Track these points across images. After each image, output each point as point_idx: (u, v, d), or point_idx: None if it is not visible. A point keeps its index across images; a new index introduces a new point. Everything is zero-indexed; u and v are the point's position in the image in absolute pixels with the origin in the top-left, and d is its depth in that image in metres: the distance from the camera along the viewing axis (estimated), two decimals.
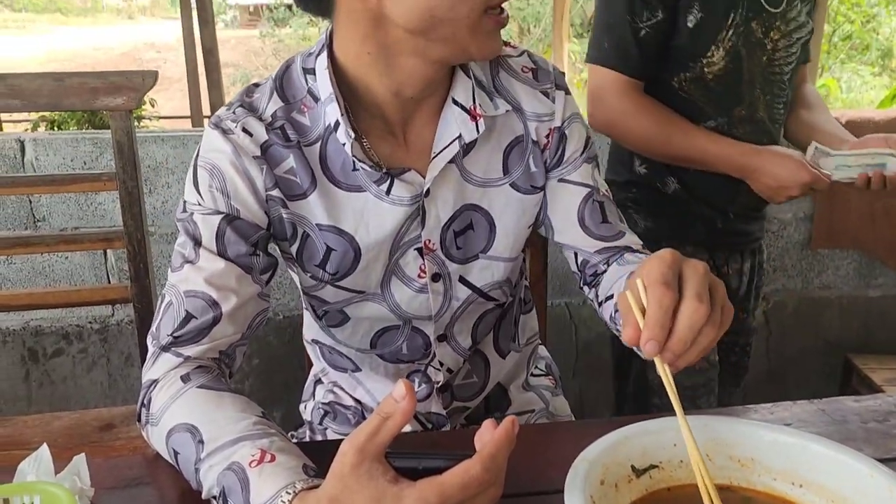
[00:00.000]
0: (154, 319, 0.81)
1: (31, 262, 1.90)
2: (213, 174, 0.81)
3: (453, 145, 0.85)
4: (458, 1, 0.74)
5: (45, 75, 1.36)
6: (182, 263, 0.81)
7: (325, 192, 0.83)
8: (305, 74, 0.84)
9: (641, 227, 1.38)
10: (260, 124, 0.82)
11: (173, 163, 1.85)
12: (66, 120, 5.29)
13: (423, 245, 0.88)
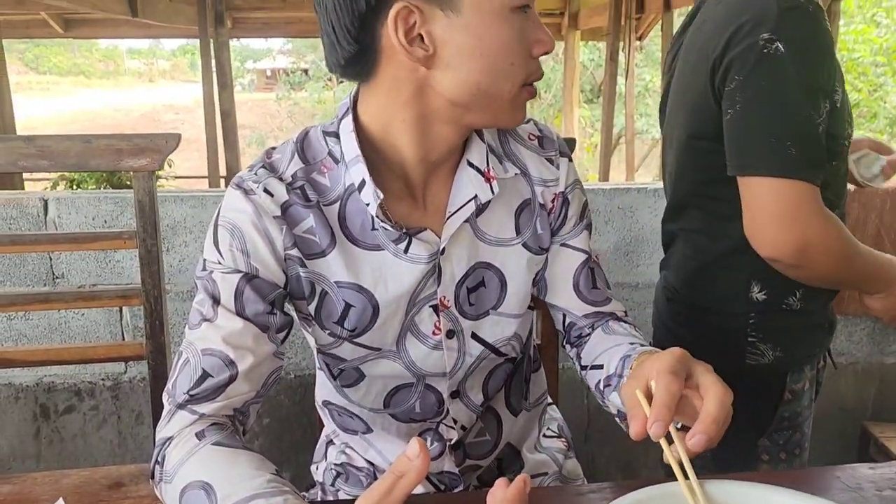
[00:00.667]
0: (170, 376, 0.82)
1: (47, 318, 1.92)
2: (234, 234, 0.83)
3: (469, 205, 0.87)
4: (502, 76, 0.78)
5: (72, 137, 1.41)
6: (200, 321, 0.82)
7: (344, 250, 0.85)
8: (326, 138, 0.87)
9: (769, 357, 1.14)
10: (281, 184, 0.84)
11: (191, 222, 1.89)
12: (86, 179, 5.40)
13: (439, 302, 0.90)
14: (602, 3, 6.94)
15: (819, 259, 1.00)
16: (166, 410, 0.81)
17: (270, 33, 9.73)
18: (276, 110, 20.52)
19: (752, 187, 0.99)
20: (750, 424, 1.16)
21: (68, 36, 8.17)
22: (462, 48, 0.77)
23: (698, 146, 1.12)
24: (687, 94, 1.13)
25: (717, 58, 1.02)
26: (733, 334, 1.15)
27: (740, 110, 0.99)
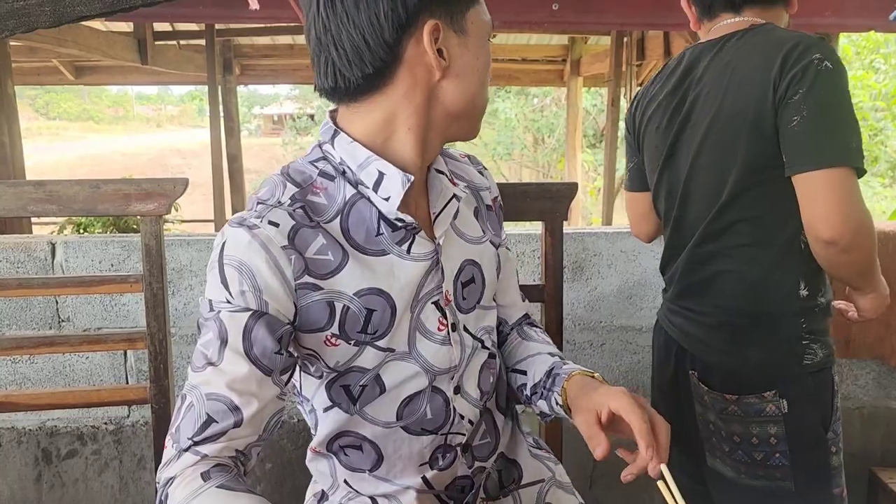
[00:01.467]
0: (174, 418, 0.83)
1: (51, 362, 1.92)
2: (242, 270, 0.83)
3: (453, 202, 0.99)
4: (485, 90, 0.93)
5: (81, 182, 1.43)
6: (205, 364, 0.82)
7: (356, 259, 0.89)
8: (312, 164, 0.93)
9: (820, 355, 1.27)
10: (283, 211, 0.86)
11: (197, 265, 1.90)
12: (93, 223, 5.45)
13: (444, 296, 0.97)
14: (603, 50, 7.06)
15: (866, 242, 1.16)
16: (170, 454, 0.82)
17: (278, 80, 9.89)
18: (282, 155, 20.74)
19: (819, 179, 1.13)
20: (819, 421, 1.27)
21: (79, 83, 8.32)
22: (467, 64, 0.90)
23: (757, 163, 1.22)
24: (740, 121, 1.22)
25: (775, 77, 1.16)
26: (792, 339, 1.26)
27: (807, 115, 1.14)
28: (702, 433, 1.38)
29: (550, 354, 1.08)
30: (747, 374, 1.28)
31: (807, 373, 1.26)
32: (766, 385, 1.25)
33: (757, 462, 1.28)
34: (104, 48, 5.75)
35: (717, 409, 1.31)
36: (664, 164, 1.40)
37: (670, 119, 1.36)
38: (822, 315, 1.28)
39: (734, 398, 1.27)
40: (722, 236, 1.30)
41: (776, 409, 1.24)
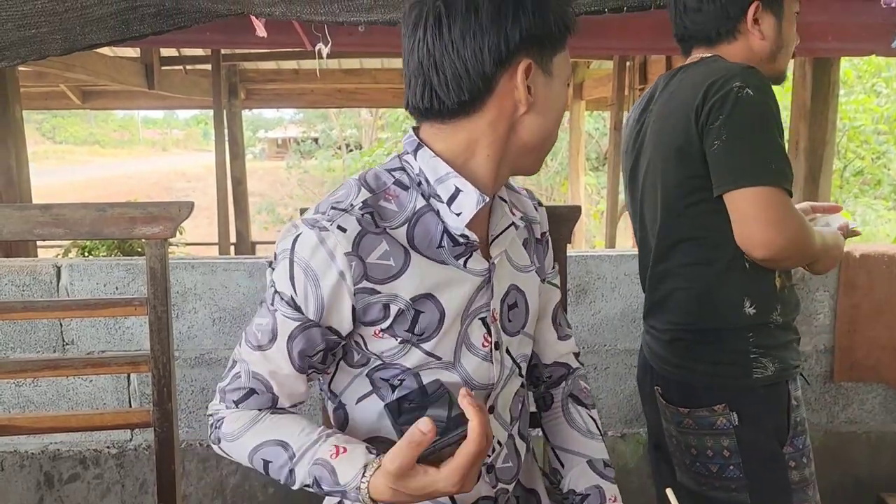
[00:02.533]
0: (224, 376, 0.99)
1: (55, 385, 1.92)
2: (308, 275, 0.90)
3: (511, 229, 1.05)
4: (557, 129, 1.00)
5: (87, 205, 1.44)
6: (256, 346, 0.95)
7: (417, 264, 0.94)
8: (391, 172, 0.98)
9: (771, 369, 1.31)
10: (351, 217, 0.91)
11: (201, 289, 1.91)
12: (98, 245, 5.46)
13: (491, 314, 1.01)
14: (606, 75, 7.10)
15: (803, 249, 1.25)
16: (218, 406, 0.99)
17: (282, 104, 9.98)
18: (286, 178, 20.82)
19: (743, 199, 1.21)
20: (773, 434, 1.30)
21: (86, 107, 8.39)
22: (548, 102, 0.96)
23: (689, 185, 1.30)
24: (671, 147, 1.32)
25: (698, 105, 1.25)
26: (739, 353, 1.30)
27: (726, 140, 1.22)
28: (669, 447, 1.43)
29: (591, 465, 1.11)
30: (698, 388, 1.34)
31: (758, 386, 1.30)
32: (717, 398, 1.31)
33: (713, 474, 1.33)
34: (111, 73, 5.81)
35: (675, 423, 1.37)
36: (628, 186, 1.52)
37: (632, 144, 1.49)
38: (778, 331, 1.32)
39: (686, 411, 1.34)
40: (670, 256, 1.37)
41: (727, 421, 1.29)
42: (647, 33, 2.75)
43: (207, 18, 1.79)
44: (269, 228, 17.69)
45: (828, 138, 4.00)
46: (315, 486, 0.89)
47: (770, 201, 1.20)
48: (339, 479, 0.86)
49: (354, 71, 7.73)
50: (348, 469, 0.86)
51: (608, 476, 1.10)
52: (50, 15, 1.66)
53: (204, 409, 1.95)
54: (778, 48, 1.35)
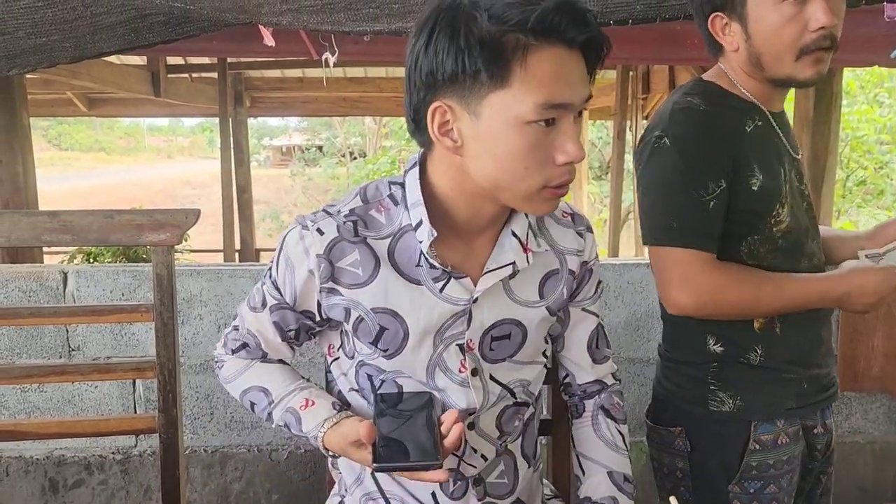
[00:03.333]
0: (228, 326, 1.15)
1: (60, 391, 1.93)
2: (288, 266, 1.01)
3: (507, 268, 1.01)
4: (515, 177, 0.89)
5: (94, 212, 1.45)
6: (253, 308, 1.09)
7: (387, 277, 0.98)
8: (391, 185, 1.01)
9: (729, 405, 1.26)
10: (333, 223, 0.98)
11: (207, 295, 1.92)
12: (103, 252, 5.48)
13: (466, 343, 1.01)
14: (609, 84, 7.13)
15: (721, 308, 1.19)
16: (220, 351, 1.16)
17: (287, 112, 10.01)
18: (290, 185, 20.86)
19: (652, 256, 1.22)
20: (720, 469, 1.27)
21: (92, 114, 8.43)
22: (479, 147, 0.89)
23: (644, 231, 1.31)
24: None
25: (635, 152, 1.28)
26: (698, 382, 1.28)
27: (641, 194, 1.24)
28: None
29: (610, 476, 1.11)
30: (663, 406, 1.35)
31: (714, 419, 1.27)
32: (675, 420, 1.31)
33: (667, 489, 1.34)
34: (118, 81, 5.85)
35: (647, 436, 1.39)
36: None
37: None
38: (750, 370, 1.26)
39: (652, 425, 1.36)
40: None
41: (682, 445, 1.30)
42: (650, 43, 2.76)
43: (216, 27, 1.81)
44: (272, 236, 17.71)
45: (830, 148, 4.01)
46: (286, 429, 1.06)
47: (674, 261, 1.18)
48: (302, 427, 1.03)
49: (359, 79, 7.76)
50: (311, 420, 1.03)
51: (626, 491, 1.11)
52: (60, 23, 1.68)
53: (209, 415, 1.96)
54: (755, 53, 1.19)
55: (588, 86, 0.89)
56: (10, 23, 1.66)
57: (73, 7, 1.67)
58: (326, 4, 1.72)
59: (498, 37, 0.83)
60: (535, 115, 0.85)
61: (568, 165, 0.90)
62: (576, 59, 0.86)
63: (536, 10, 0.82)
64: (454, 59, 0.85)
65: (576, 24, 0.84)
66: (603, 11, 1.73)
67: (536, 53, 0.84)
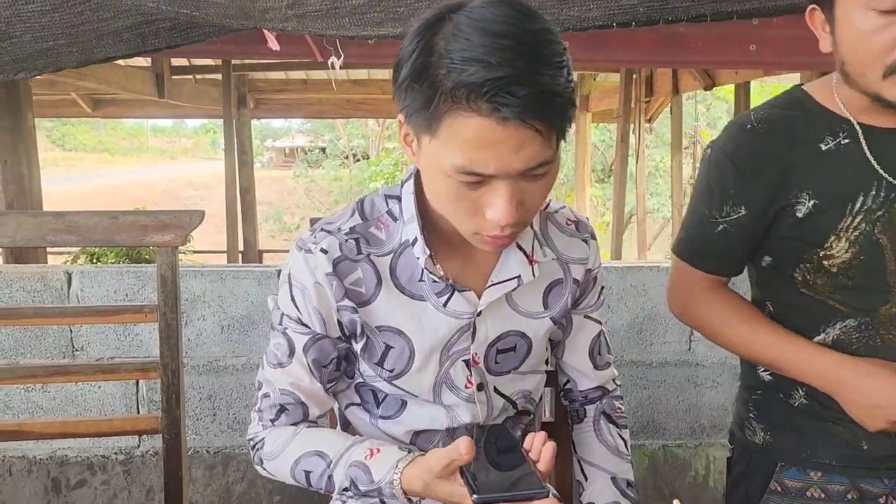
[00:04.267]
0: (256, 400, 1.04)
1: (64, 391, 1.94)
2: (305, 294, 0.96)
3: (511, 282, 0.99)
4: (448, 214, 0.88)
5: (100, 213, 1.46)
6: (276, 365, 1.00)
7: (388, 296, 0.96)
8: (388, 199, 0.99)
9: (760, 438, 1.20)
10: (335, 241, 0.95)
11: (210, 296, 1.92)
12: (106, 252, 5.49)
13: (471, 358, 1.00)
14: (612, 87, 7.12)
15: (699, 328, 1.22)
16: (257, 427, 1.04)
17: (291, 114, 10.03)
18: (293, 187, 20.86)
19: None
20: (743, 498, 1.23)
21: (97, 115, 8.44)
22: (428, 164, 0.85)
23: None
24: None
25: None
26: (743, 404, 1.26)
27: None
28: None
29: (614, 481, 1.10)
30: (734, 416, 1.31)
31: (747, 446, 1.24)
32: (730, 435, 1.31)
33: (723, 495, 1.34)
34: (123, 82, 5.86)
35: None
36: None
37: None
38: (793, 412, 1.16)
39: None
40: None
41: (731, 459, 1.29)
42: (653, 46, 2.76)
43: (221, 32, 1.82)
44: (275, 237, 17.71)
45: None
46: (353, 488, 0.92)
47: (673, 267, 1.23)
48: (373, 476, 0.90)
49: (362, 81, 7.77)
50: (382, 466, 0.90)
51: (630, 496, 1.10)
52: (67, 28, 1.68)
53: (212, 416, 1.96)
54: (841, 61, 1.05)
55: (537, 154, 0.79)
56: (18, 27, 1.67)
57: (79, 12, 1.68)
58: (331, 9, 1.72)
59: (435, 86, 0.77)
60: (454, 173, 0.80)
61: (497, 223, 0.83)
62: (511, 132, 0.76)
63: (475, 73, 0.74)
64: (402, 83, 0.81)
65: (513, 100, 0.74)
66: (605, 14, 1.73)
67: (462, 117, 0.77)
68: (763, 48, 2.75)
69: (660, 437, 2.09)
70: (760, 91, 10.17)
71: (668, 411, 2.07)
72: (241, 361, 1.94)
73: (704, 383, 2.07)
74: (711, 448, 2.11)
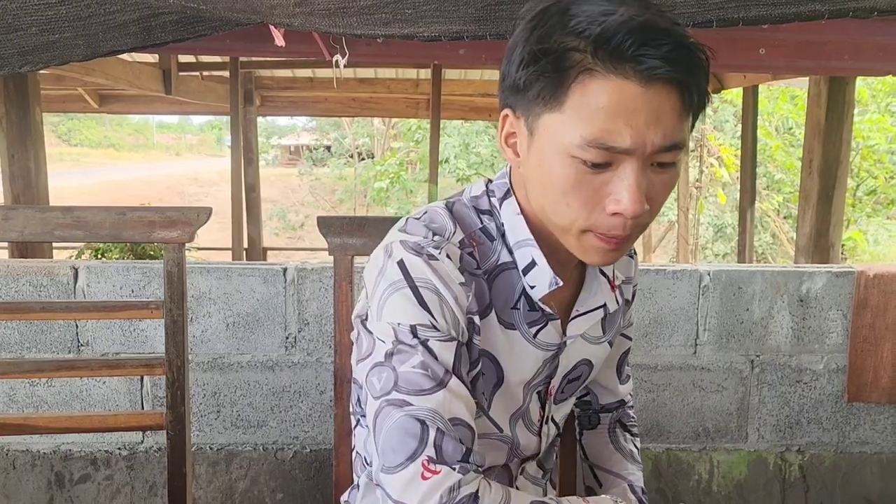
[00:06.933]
0: (422, 443, 0.75)
1: (69, 386, 1.94)
2: (442, 298, 0.80)
3: (598, 311, 0.92)
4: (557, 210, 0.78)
5: (108, 209, 1.46)
6: (434, 387, 0.77)
7: (488, 320, 0.86)
8: (480, 215, 0.88)
9: None
10: (455, 251, 0.83)
11: (216, 293, 1.92)
12: (111, 248, 5.50)
13: (547, 390, 0.95)
14: None
15: None
16: (450, 477, 0.75)
17: (297, 112, 10.03)
18: (297, 185, 20.89)
19: None
20: None
21: (103, 111, 8.47)
22: (532, 167, 0.79)
23: None
24: None
25: None
26: None
27: None
28: None
29: (632, 489, 1.05)
30: None
31: None
32: None
33: None
34: (130, 78, 5.87)
35: None
36: None
37: None
38: None
39: None
40: None
41: None
42: None
43: (228, 27, 1.82)
44: (279, 234, 17.74)
45: (842, 157, 4.00)
46: None
47: None
48: None
49: (369, 80, 7.77)
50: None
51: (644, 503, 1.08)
52: (73, 20, 1.68)
53: (216, 413, 1.96)
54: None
55: (674, 130, 0.72)
56: (24, 19, 1.67)
57: (86, 5, 1.68)
58: (339, 8, 1.72)
59: (563, 50, 0.71)
60: (580, 150, 0.72)
61: (619, 217, 0.75)
62: (652, 96, 0.70)
63: (611, 26, 0.69)
64: (518, 66, 0.75)
65: (658, 52, 0.68)
66: None
67: (597, 80, 0.71)
68: (772, 52, 2.74)
69: (664, 440, 2.08)
70: (768, 95, 10.16)
71: (673, 415, 2.06)
72: (247, 359, 1.94)
73: (709, 387, 2.07)
74: (715, 452, 2.11)
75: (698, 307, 2.02)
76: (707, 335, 2.04)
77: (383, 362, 0.79)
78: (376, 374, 0.79)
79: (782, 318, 2.05)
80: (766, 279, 2.03)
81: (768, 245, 12.18)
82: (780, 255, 11.76)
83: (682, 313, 2.02)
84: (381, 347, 0.80)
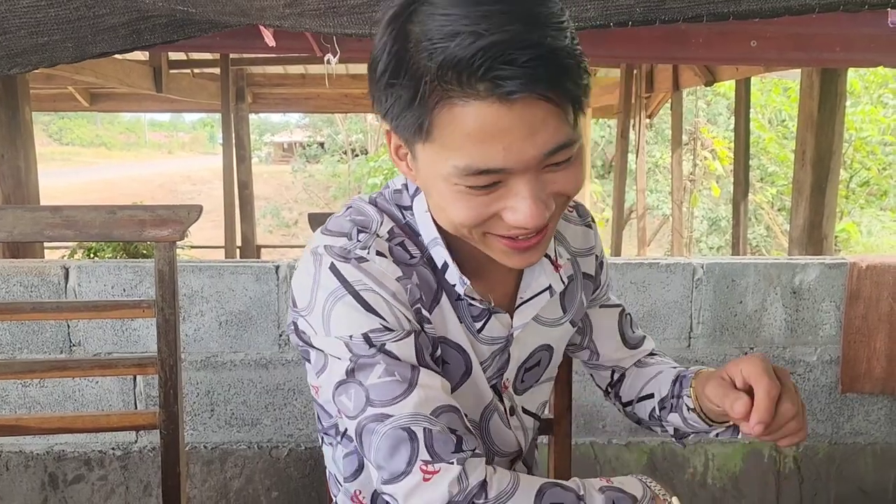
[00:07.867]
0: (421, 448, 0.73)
1: (61, 386, 1.93)
2: (377, 293, 0.76)
3: (544, 295, 0.88)
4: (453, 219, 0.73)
5: (97, 208, 1.45)
6: (406, 390, 0.74)
7: (440, 307, 0.82)
8: (402, 210, 0.84)
9: None
10: (384, 244, 0.79)
11: (208, 291, 1.91)
12: (103, 247, 5.48)
13: (502, 383, 0.91)
14: (613, 83, 7.12)
15: None
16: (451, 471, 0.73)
17: (289, 108, 10.01)
18: (291, 182, 20.86)
19: None
20: None
21: (94, 109, 8.44)
22: (427, 172, 0.73)
23: None
24: None
25: None
26: None
27: None
28: None
29: (674, 368, 0.99)
30: None
31: None
32: None
33: None
34: (120, 76, 5.84)
35: None
36: None
37: None
38: None
39: None
40: None
41: None
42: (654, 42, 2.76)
43: (217, 28, 1.80)
44: (273, 232, 17.71)
45: (834, 148, 4.01)
46: None
47: None
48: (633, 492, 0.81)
49: (361, 76, 7.75)
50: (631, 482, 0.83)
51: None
52: (62, 23, 1.67)
53: (209, 412, 1.96)
54: None
55: (554, 135, 0.67)
56: (13, 21, 1.66)
57: (75, 7, 1.67)
58: (329, 8, 1.71)
59: (417, 77, 0.65)
60: (460, 179, 0.68)
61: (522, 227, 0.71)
62: (519, 112, 0.64)
63: (456, 50, 0.62)
64: (379, 86, 0.70)
65: (514, 69, 0.62)
66: (603, 14, 1.72)
67: (457, 108, 0.65)
68: (764, 44, 2.74)
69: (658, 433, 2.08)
70: (760, 87, 10.18)
71: None
72: (240, 357, 1.93)
73: None
74: (710, 445, 2.11)
75: (692, 300, 2.02)
76: (701, 328, 2.04)
77: (347, 380, 0.76)
78: (344, 394, 0.76)
79: (776, 310, 2.05)
80: (759, 271, 2.03)
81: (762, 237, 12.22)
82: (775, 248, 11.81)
83: (675, 306, 2.02)
84: (338, 364, 0.77)
